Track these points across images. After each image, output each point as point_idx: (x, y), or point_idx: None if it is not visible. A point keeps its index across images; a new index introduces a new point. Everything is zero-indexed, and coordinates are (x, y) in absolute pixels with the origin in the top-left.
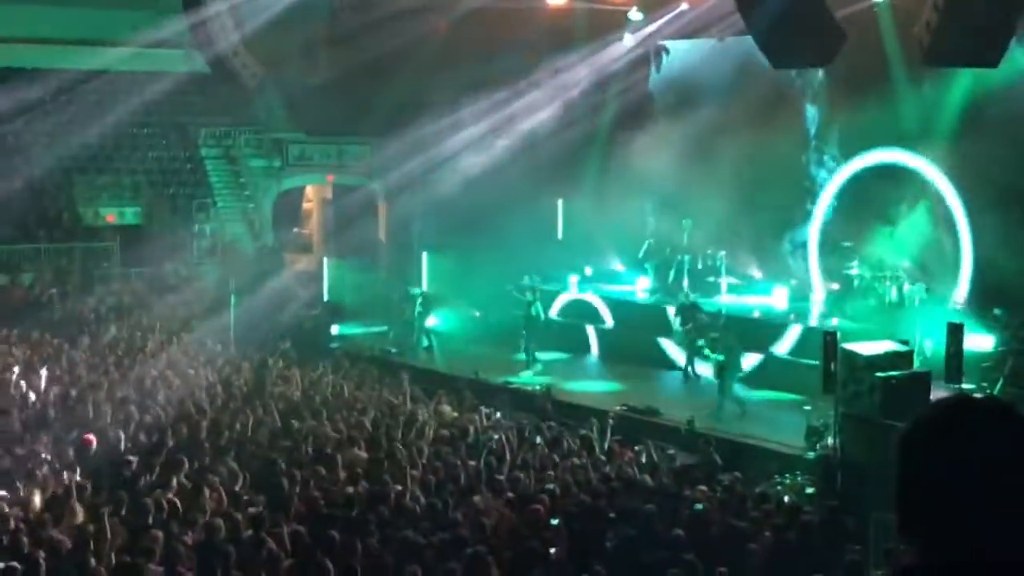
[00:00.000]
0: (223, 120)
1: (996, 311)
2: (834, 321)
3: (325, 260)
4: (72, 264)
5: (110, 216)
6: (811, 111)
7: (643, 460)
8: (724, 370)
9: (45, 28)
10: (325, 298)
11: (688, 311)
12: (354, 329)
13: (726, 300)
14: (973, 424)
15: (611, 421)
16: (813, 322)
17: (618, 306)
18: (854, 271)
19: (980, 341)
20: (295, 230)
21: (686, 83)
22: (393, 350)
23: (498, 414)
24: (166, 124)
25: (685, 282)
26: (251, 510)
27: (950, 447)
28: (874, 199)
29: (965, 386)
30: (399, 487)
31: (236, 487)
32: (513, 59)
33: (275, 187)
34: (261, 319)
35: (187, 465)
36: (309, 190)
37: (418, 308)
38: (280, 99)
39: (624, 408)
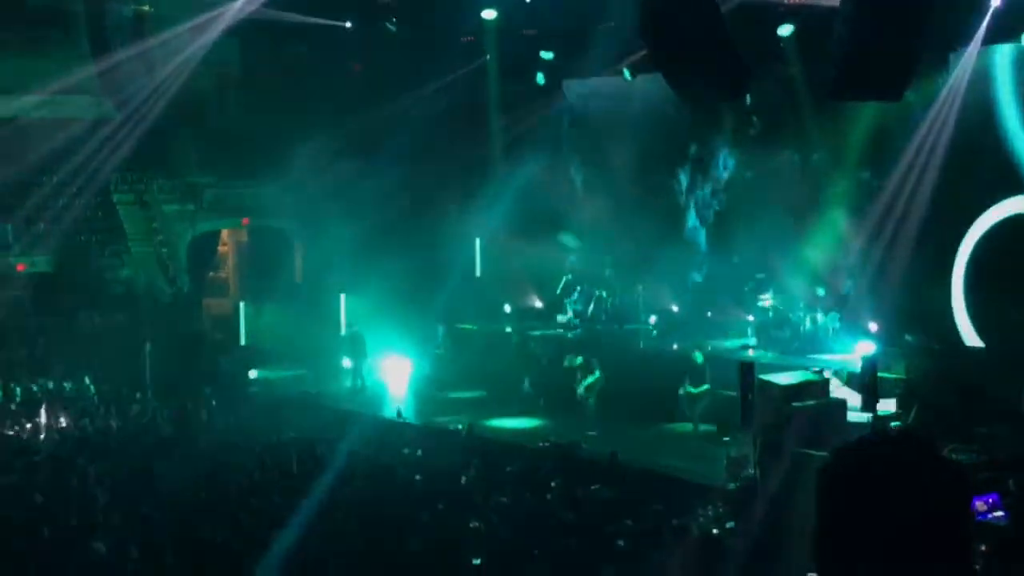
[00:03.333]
0: (135, 165)
1: (908, 337)
2: (750, 352)
3: (242, 304)
4: None
5: (20, 265)
6: (719, 147)
7: (566, 495)
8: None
9: None
10: (242, 342)
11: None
12: (272, 373)
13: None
14: (890, 460)
15: (534, 457)
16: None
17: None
18: (767, 302)
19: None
20: (211, 274)
21: (598, 120)
22: (313, 392)
23: (419, 453)
24: (77, 171)
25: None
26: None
27: (867, 483)
28: (786, 233)
29: (881, 412)
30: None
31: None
32: (431, 98)
33: (189, 231)
34: (177, 365)
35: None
36: (225, 234)
37: (348, 349)
38: (193, 143)
39: (546, 443)
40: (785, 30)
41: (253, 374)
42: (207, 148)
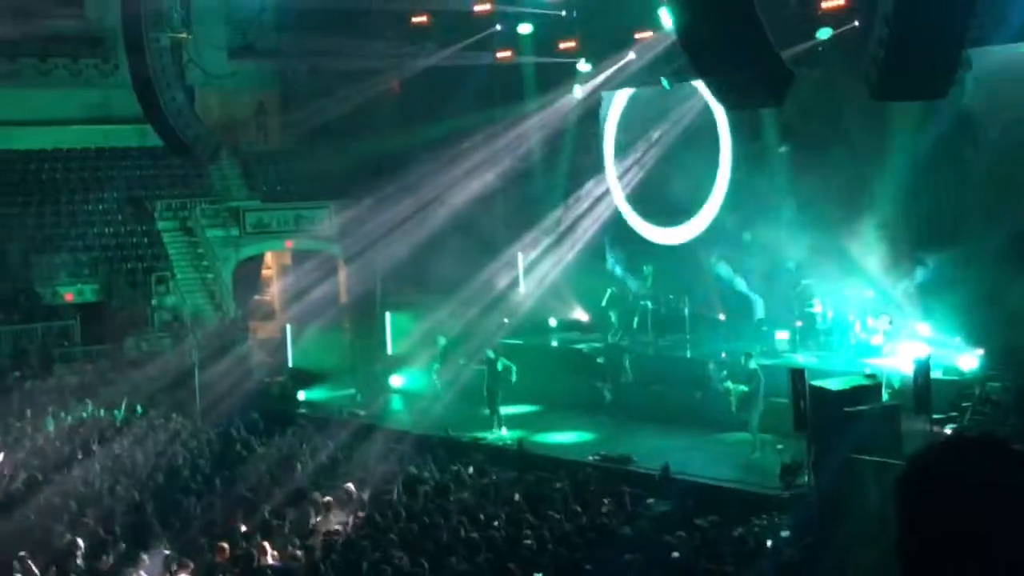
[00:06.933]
0: (179, 191)
1: (959, 339)
2: (799, 359)
3: (288, 326)
4: (32, 344)
5: (68, 295)
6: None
7: (619, 510)
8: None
9: None
10: (290, 364)
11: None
12: (321, 394)
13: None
14: (971, 463)
15: (586, 471)
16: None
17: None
18: (817, 308)
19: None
20: (256, 297)
21: (637, 130)
22: (362, 412)
23: (471, 470)
24: (121, 199)
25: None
26: None
27: (949, 488)
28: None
29: (934, 416)
30: (376, 553)
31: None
32: (467, 115)
33: (234, 256)
34: (227, 390)
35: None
36: (268, 257)
37: (438, 360)
38: (235, 167)
39: (597, 457)
40: (823, 33)
41: (302, 396)
42: (249, 172)
